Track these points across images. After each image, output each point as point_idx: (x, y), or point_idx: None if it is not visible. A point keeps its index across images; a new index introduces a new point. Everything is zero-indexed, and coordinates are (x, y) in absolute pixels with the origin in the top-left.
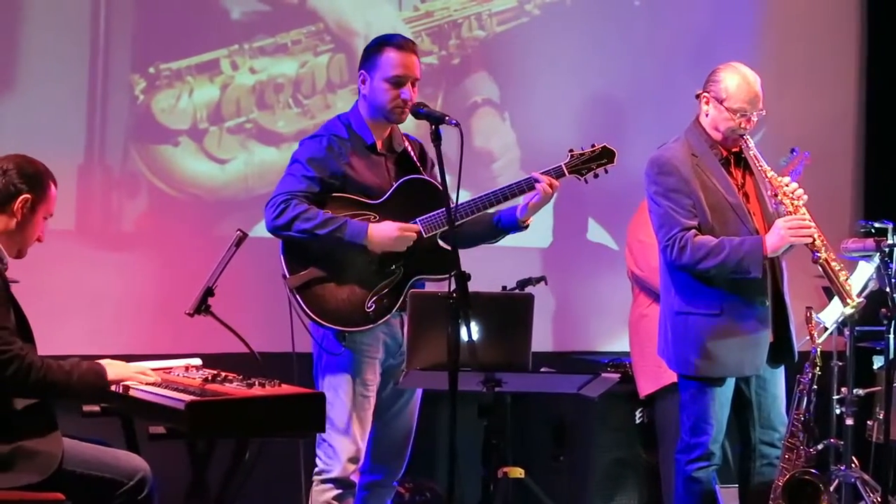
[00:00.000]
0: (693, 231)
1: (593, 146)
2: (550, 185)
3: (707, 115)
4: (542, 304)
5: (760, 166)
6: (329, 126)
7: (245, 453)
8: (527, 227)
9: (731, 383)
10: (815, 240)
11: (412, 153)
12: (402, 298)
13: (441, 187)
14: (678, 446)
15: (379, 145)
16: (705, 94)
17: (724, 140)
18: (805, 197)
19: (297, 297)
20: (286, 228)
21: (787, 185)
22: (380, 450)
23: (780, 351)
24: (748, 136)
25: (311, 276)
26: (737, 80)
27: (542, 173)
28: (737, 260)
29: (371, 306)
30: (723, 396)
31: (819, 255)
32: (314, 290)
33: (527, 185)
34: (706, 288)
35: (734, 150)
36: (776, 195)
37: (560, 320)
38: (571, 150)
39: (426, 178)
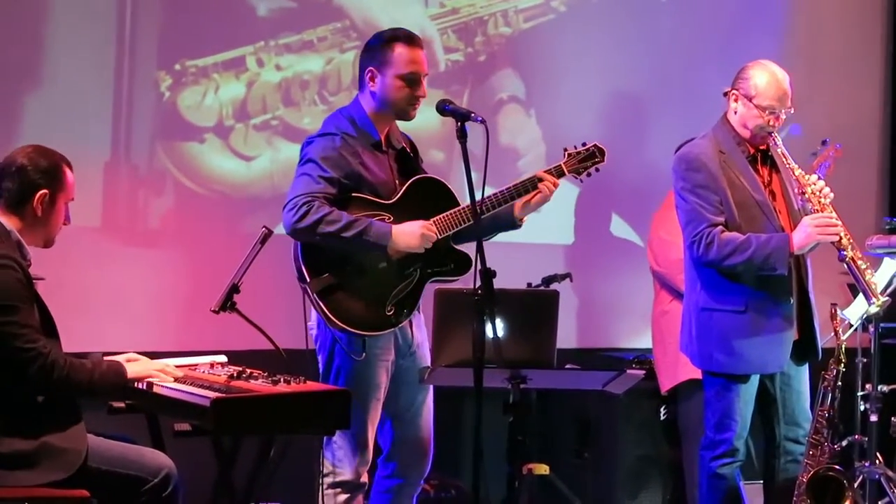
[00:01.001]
0: (720, 227)
1: (585, 145)
2: (553, 185)
3: (735, 113)
4: (566, 300)
5: (788, 164)
6: (337, 123)
7: (270, 450)
8: (521, 225)
9: (755, 380)
10: (841, 238)
11: (408, 149)
12: (419, 300)
13: (468, 185)
14: (702, 442)
15: (382, 142)
16: (734, 91)
17: (752, 137)
18: (832, 195)
19: (320, 302)
20: (309, 231)
21: (814, 184)
22: (405, 453)
23: (805, 349)
24: (776, 134)
25: (332, 281)
26: (766, 77)
27: (545, 172)
28: (763, 256)
29: (391, 310)
30: (747, 393)
31: (845, 253)
32: (336, 295)
33: (531, 185)
34: (731, 285)
35: (762, 147)
36: (803, 193)
37: (585, 317)
38: (567, 149)
39: (435, 177)
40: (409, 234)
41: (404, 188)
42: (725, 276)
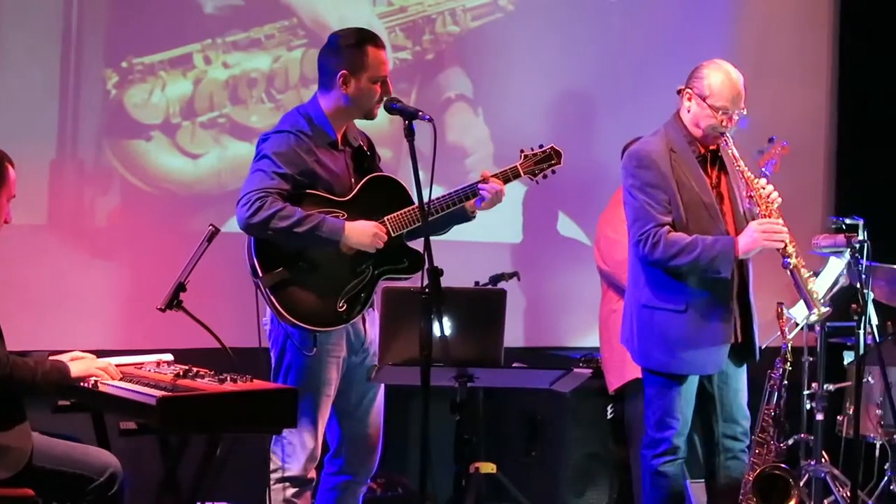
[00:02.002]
0: (667, 227)
1: (542, 147)
2: (500, 191)
3: (689, 111)
4: (514, 299)
5: (739, 166)
6: (292, 121)
7: (217, 449)
8: (475, 216)
9: (695, 379)
10: (786, 245)
11: (365, 147)
12: (371, 297)
13: (415, 184)
14: (644, 441)
15: (339, 141)
16: (688, 89)
17: (703, 137)
18: (779, 200)
19: (272, 297)
20: (262, 226)
21: (763, 188)
22: (353, 449)
23: (744, 351)
24: (728, 135)
25: (285, 276)
26: (721, 77)
27: (496, 175)
28: (709, 259)
29: (343, 306)
30: (687, 392)
31: (789, 261)
32: (287, 290)
33: (472, 192)
34: (674, 284)
35: (712, 148)
36: (751, 196)
37: (532, 316)
38: (523, 151)
39: (390, 175)
40: (361, 233)
41: (359, 186)
42: (669, 276)
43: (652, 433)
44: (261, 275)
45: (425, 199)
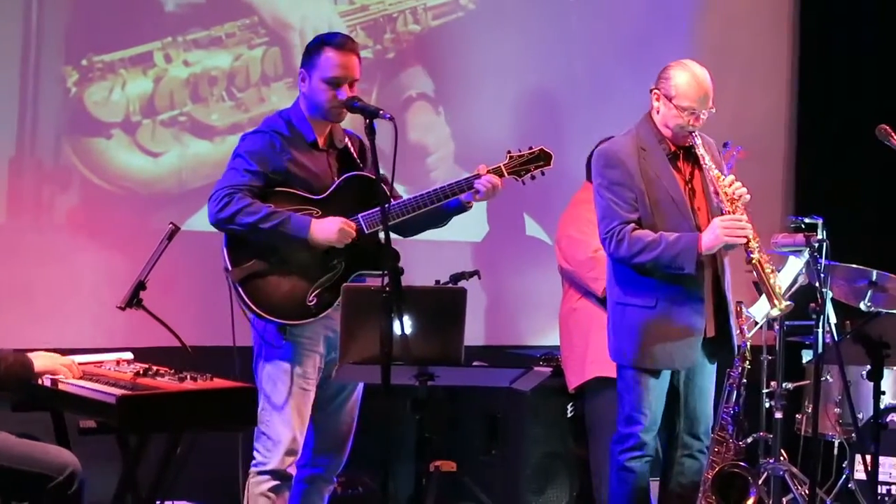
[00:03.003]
0: (632, 225)
1: (531, 148)
2: (496, 185)
3: (658, 112)
4: (475, 298)
5: (706, 164)
6: (270, 122)
7: (177, 448)
8: (471, 206)
9: (666, 375)
10: (749, 240)
11: (352, 149)
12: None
13: (378, 182)
14: (613, 437)
15: (321, 142)
16: (656, 90)
17: (673, 136)
18: (748, 197)
19: (240, 289)
20: (229, 222)
21: (728, 186)
22: (322, 443)
23: (718, 347)
24: (697, 134)
25: (254, 270)
26: (686, 78)
27: (490, 171)
28: (671, 256)
29: (312, 300)
30: (658, 388)
31: (752, 255)
32: (257, 284)
33: (467, 185)
34: (643, 281)
35: (687, 144)
36: (717, 193)
37: (493, 314)
38: (510, 152)
39: (368, 175)
40: (327, 229)
41: (335, 185)
42: (638, 272)
43: (621, 428)
44: (230, 269)
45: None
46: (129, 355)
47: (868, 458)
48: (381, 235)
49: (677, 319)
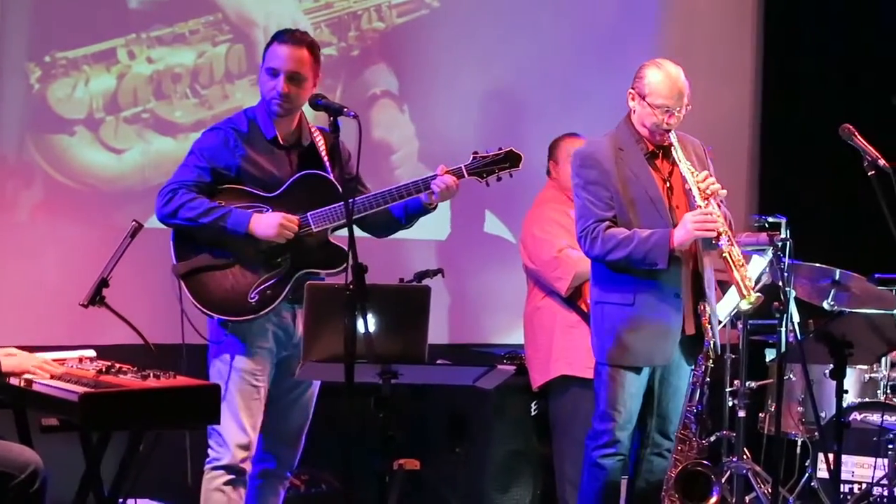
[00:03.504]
0: (606, 223)
1: (499, 149)
2: (451, 185)
3: (634, 111)
4: (438, 296)
5: (679, 162)
6: (231, 119)
7: (139, 445)
8: (434, 208)
9: (646, 373)
10: (720, 234)
11: (321, 147)
12: (286, 291)
13: (340, 180)
14: (587, 433)
15: (281, 139)
16: (632, 90)
17: (650, 135)
18: (724, 192)
19: (183, 284)
20: (173, 216)
21: (702, 181)
22: (273, 439)
23: (700, 346)
24: (672, 132)
25: (199, 265)
26: (660, 76)
27: (446, 171)
28: (644, 252)
29: (254, 297)
30: (633, 386)
31: (723, 247)
32: (200, 279)
33: (423, 185)
34: (621, 278)
35: (666, 143)
36: (688, 190)
37: (457, 312)
38: (475, 153)
39: (322, 173)
40: (266, 225)
41: (288, 182)
42: (614, 270)
43: (595, 425)
44: (175, 263)
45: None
46: (91, 353)
47: (830, 456)
48: (331, 233)
49: (655, 316)
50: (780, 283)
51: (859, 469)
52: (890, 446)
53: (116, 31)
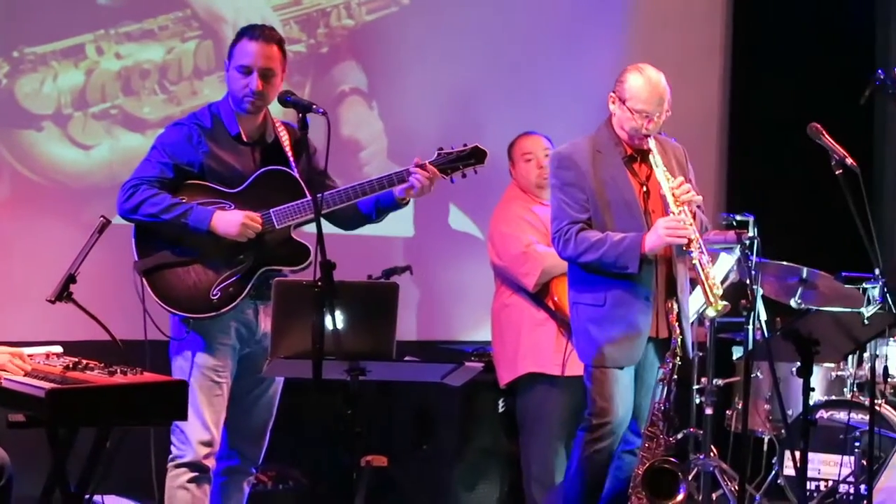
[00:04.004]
0: (580, 225)
1: (465, 145)
2: (430, 179)
3: (614, 115)
4: (407, 293)
5: (656, 167)
6: (195, 114)
7: (106, 441)
8: (406, 203)
9: (630, 369)
10: (691, 241)
11: (285, 142)
12: (248, 288)
13: (308, 177)
14: (582, 426)
15: (245, 135)
16: (612, 93)
17: (629, 139)
18: (699, 199)
19: (144, 281)
20: (134, 212)
21: (677, 188)
22: (237, 436)
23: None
24: (651, 137)
25: (160, 261)
26: (640, 81)
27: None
28: (615, 256)
29: (216, 294)
30: (624, 379)
31: (692, 254)
32: (162, 275)
33: (397, 179)
34: (594, 280)
35: (645, 148)
36: (662, 195)
37: (425, 309)
38: (440, 149)
39: (285, 169)
40: (229, 222)
41: (251, 178)
42: (589, 272)
43: (593, 419)
44: (136, 260)
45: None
46: (58, 349)
47: (797, 454)
48: (295, 230)
49: (624, 318)
50: (748, 281)
51: (826, 467)
52: (856, 444)
53: (85, 27)
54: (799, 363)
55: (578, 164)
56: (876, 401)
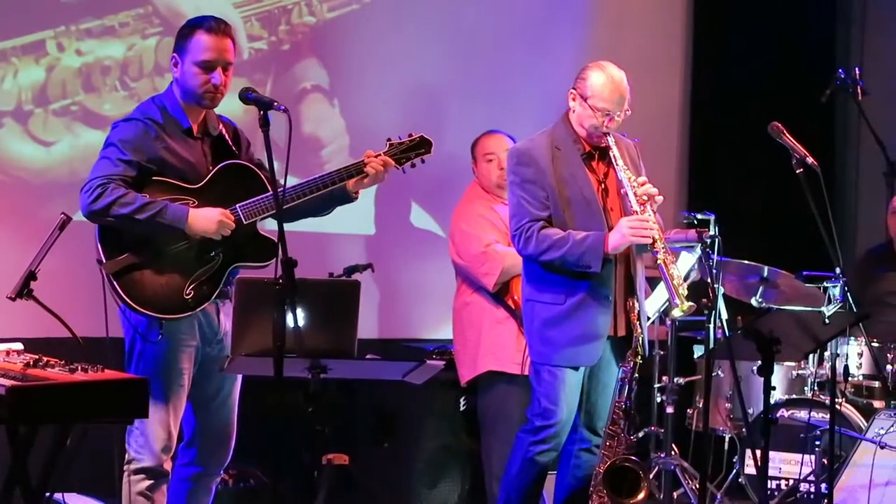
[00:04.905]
0: (541, 223)
1: (411, 135)
2: (383, 164)
3: (574, 112)
4: (368, 291)
5: (617, 165)
6: (144, 109)
7: (67, 439)
8: (356, 197)
9: (582, 368)
10: (655, 241)
11: (227, 136)
12: (220, 285)
13: (267, 173)
14: (524, 427)
15: (195, 129)
16: (573, 90)
17: (588, 136)
18: (660, 198)
19: (115, 283)
20: (103, 213)
21: (638, 186)
22: (206, 441)
23: (628, 346)
24: (611, 135)
25: (129, 262)
26: (602, 79)
27: (373, 155)
28: (578, 254)
29: (190, 293)
30: (572, 381)
31: (658, 255)
32: (132, 276)
33: (355, 171)
34: (553, 278)
35: (602, 145)
36: (624, 193)
37: (386, 307)
38: (389, 140)
39: (244, 163)
40: (206, 219)
41: (211, 173)
42: (548, 270)
43: (536, 421)
44: (104, 261)
45: (281, 187)
46: (18, 346)
47: (758, 452)
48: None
49: (584, 317)
50: (709, 280)
51: (786, 465)
52: (817, 443)
53: (46, 23)
54: (760, 362)
55: (538, 161)
56: (836, 399)
